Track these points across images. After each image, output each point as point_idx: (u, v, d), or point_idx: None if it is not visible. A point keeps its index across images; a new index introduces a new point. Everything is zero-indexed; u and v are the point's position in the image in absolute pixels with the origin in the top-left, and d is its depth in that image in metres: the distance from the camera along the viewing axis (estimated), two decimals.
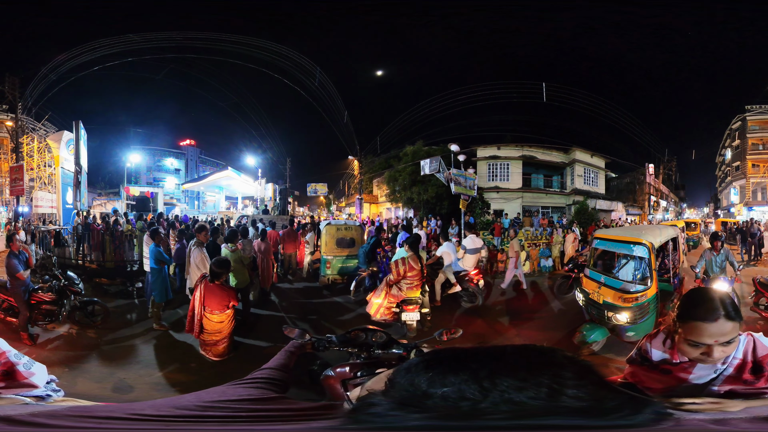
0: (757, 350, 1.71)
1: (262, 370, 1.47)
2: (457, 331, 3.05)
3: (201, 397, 0.99)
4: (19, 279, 7.39)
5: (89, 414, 0.83)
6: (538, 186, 34.72)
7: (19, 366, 1.44)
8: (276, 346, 7.06)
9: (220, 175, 42.94)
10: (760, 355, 1.70)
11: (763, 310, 8.34)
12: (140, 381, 5.89)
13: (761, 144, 45.22)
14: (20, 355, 1.48)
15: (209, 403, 0.93)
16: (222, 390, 1.09)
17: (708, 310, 1.60)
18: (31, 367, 1.48)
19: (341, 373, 2.41)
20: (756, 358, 1.70)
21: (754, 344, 1.72)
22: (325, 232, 12.24)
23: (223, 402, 0.96)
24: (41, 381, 1.47)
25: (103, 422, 0.79)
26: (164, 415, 0.84)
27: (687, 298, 1.77)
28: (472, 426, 0.65)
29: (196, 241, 7.96)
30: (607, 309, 7.11)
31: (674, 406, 1.28)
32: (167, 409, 0.87)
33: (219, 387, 1.13)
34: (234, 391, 1.09)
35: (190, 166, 68.97)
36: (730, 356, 1.68)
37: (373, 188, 43.09)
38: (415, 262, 7.69)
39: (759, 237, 19.00)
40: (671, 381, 1.81)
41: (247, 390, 1.14)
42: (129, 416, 0.82)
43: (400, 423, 0.68)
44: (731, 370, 1.71)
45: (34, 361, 1.51)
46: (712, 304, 1.61)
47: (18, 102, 26.03)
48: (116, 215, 19.97)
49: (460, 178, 19.97)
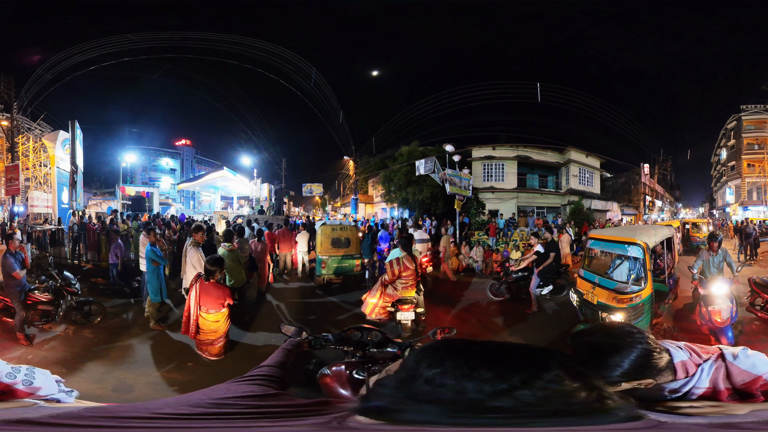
0: (732, 377, 1.44)
1: (260, 367, 1.47)
2: (452, 331, 3.06)
3: (209, 394, 1.02)
4: (15, 278, 7.36)
5: (111, 415, 0.84)
6: (533, 186, 34.75)
7: (18, 385, 1.31)
8: (271, 345, 7.09)
9: (215, 175, 42.78)
10: (741, 383, 1.42)
11: (759, 310, 8.27)
12: (139, 381, 5.91)
13: (756, 144, 45.24)
14: (15, 372, 1.34)
15: (220, 401, 0.95)
16: (225, 387, 1.11)
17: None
18: (32, 382, 1.35)
19: (337, 372, 2.43)
20: (734, 384, 1.43)
21: (727, 371, 1.45)
22: (320, 232, 12.25)
23: (231, 399, 0.99)
24: (50, 389, 1.41)
25: (127, 422, 0.81)
26: (183, 414, 0.86)
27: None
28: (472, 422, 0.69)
29: (192, 241, 7.96)
30: (601, 310, 7.14)
31: (669, 409, 1.22)
32: (184, 407, 0.89)
33: (222, 384, 1.15)
34: (237, 388, 1.11)
35: (186, 166, 68.72)
36: (685, 386, 1.44)
37: (368, 188, 43.07)
38: (410, 262, 7.74)
39: (755, 237, 19.05)
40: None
41: (249, 387, 1.16)
42: (151, 416, 0.84)
43: (403, 409, 0.72)
44: (701, 392, 1.44)
45: (34, 369, 1.41)
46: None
47: (13, 101, 25.93)
48: (114, 215, 19.91)
49: (455, 178, 20.03)
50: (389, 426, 0.74)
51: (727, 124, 50.17)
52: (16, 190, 23.49)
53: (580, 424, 0.71)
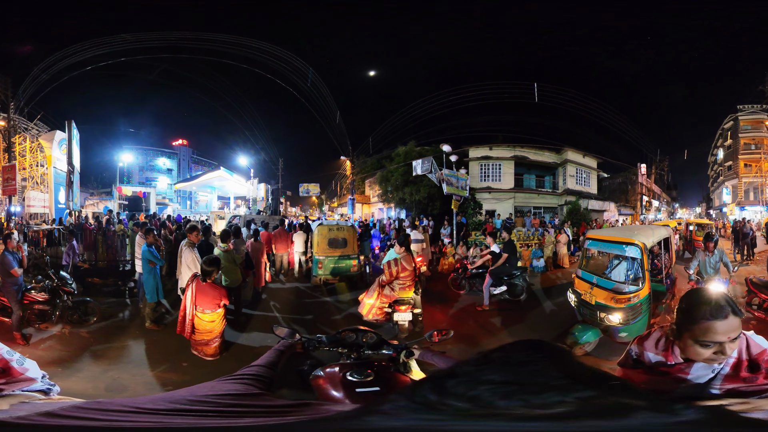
0: (750, 348, 1.72)
1: (250, 366, 1.50)
2: (449, 333, 3.02)
3: (193, 391, 1.04)
4: (13, 276, 7.38)
5: (97, 408, 0.85)
6: (530, 186, 34.71)
7: (13, 362, 1.42)
8: (267, 345, 7.06)
9: (212, 175, 42.81)
10: (755, 353, 1.71)
11: (756, 309, 8.27)
12: (133, 380, 5.92)
13: (753, 144, 45.25)
14: (12, 352, 1.46)
15: (198, 398, 0.97)
16: (212, 385, 1.15)
17: (716, 308, 1.61)
18: (23, 363, 1.46)
19: (330, 374, 2.41)
20: (750, 356, 1.71)
21: (747, 342, 1.73)
22: (317, 232, 12.21)
23: (210, 396, 1.00)
24: (37, 375, 1.48)
25: (108, 414, 0.83)
26: (159, 409, 0.88)
27: (690, 300, 1.77)
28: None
29: (188, 242, 7.97)
30: (599, 310, 7.12)
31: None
32: (162, 403, 0.91)
33: (210, 382, 1.19)
34: (221, 386, 1.14)
35: (183, 166, 68.67)
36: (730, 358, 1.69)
37: (365, 188, 43.06)
38: (408, 262, 7.71)
39: (751, 237, 19.08)
40: (668, 383, 1.80)
41: (234, 385, 1.19)
42: (132, 410, 0.85)
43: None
44: (728, 369, 1.71)
45: (25, 357, 1.50)
46: (718, 302, 1.63)
47: (10, 101, 25.87)
48: (110, 215, 19.86)
49: (452, 178, 20.03)
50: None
51: (724, 124, 50.23)
52: (13, 190, 23.45)
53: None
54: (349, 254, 12.16)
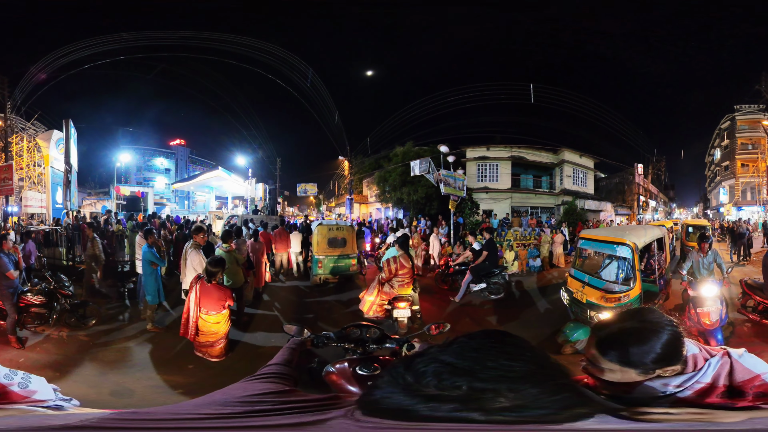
0: (734, 374, 1.41)
1: (269, 366, 1.48)
2: (446, 326, 3.14)
3: (230, 393, 1.04)
4: (9, 278, 7.24)
5: (146, 417, 0.86)
6: (527, 186, 34.76)
7: (13, 386, 1.28)
8: (271, 345, 7.14)
9: (210, 175, 42.65)
10: (740, 380, 1.40)
11: (751, 312, 8.17)
12: (139, 384, 5.79)
13: (750, 143, 45.28)
14: (12, 374, 1.31)
15: (239, 399, 0.98)
16: (243, 386, 1.13)
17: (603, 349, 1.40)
18: (28, 385, 1.31)
19: (341, 369, 2.53)
20: (733, 382, 1.40)
21: (732, 367, 1.43)
22: (316, 232, 12.31)
23: (249, 397, 1.01)
24: (47, 396, 1.34)
25: (163, 423, 0.84)
26: (210, 414, 0.88)
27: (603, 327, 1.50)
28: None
29: (193, 243, 7.88)
30: (590, 308, 7.20)
31: (632, 414, 0.95)
32: (207, 408, 0.92)
33: (239, 383, 1.17)
34: (254, 386, 1.12)
35: (180, 166, 68.58)
36: (690, 380, 1.41)
37: (363, 188, 43.11)
38: (406, 260, 7.91)
39: (748, 237, 19.09)
40: (617, 392, 1.48)
41: (265, 384, 1.17)
42: (188, 417, 0.87)
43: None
44: (689, 393, 1.41)
45: (30, 375, 1.36)
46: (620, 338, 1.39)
47: (7, 101, 25.81)
48: (108, 215, 19.88)
49: (449, 178, 20.09)
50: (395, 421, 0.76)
51: (721, 124, 50.40)
52: (10, 190, 23.37)
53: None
54: (349, 253, 12.31)
